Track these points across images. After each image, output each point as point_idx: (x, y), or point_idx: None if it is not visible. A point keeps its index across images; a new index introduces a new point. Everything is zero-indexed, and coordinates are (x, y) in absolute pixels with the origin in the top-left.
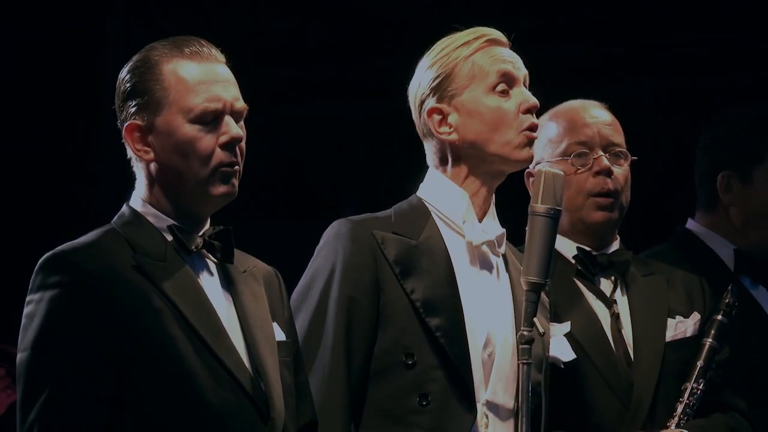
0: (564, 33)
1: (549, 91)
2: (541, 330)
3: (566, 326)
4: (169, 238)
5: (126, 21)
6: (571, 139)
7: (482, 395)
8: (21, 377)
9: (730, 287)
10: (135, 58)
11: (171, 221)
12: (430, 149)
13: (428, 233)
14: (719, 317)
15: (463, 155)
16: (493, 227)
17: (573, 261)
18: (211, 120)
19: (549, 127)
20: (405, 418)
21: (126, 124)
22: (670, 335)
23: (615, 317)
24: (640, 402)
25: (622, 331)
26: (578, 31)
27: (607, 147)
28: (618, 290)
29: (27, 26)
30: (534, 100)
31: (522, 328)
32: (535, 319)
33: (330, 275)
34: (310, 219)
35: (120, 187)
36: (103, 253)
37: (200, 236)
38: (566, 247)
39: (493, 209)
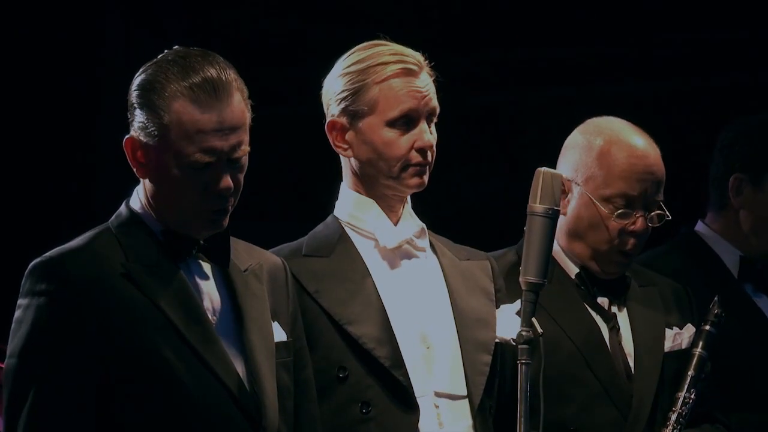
0: (564, 33)
1: (549, 92)
2: (540, 330)
3: (517, 305)
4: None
5: (126, 21)
6: (619, 190)
7: (428, 388)
8: (7, 384)
9: (716, 298)
10: (148, 71)
11: (166, 226)
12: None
13: (341, 247)
14: (708, 328)
15: (361, 173)
16: (409, 226)
17: (573, 277)
18: (202, 168)
19: (601, 154)
20: (352, 430)
21: (126, 137)
22: (668, 346)
23: (615, 330)
24: (639, 412)
25: (622, 343)
26: (578, 31)
27: (650, 206)
28: (616, 303)
29: (27, 26)
30: (428, 140)
31: (521, 328)
32: (533, 320)
33: None
34: (309, 219)
35: (119, 187)
36: (93, 260)
37: (195, 240)
38: (568, 264)
39: (408, 209)
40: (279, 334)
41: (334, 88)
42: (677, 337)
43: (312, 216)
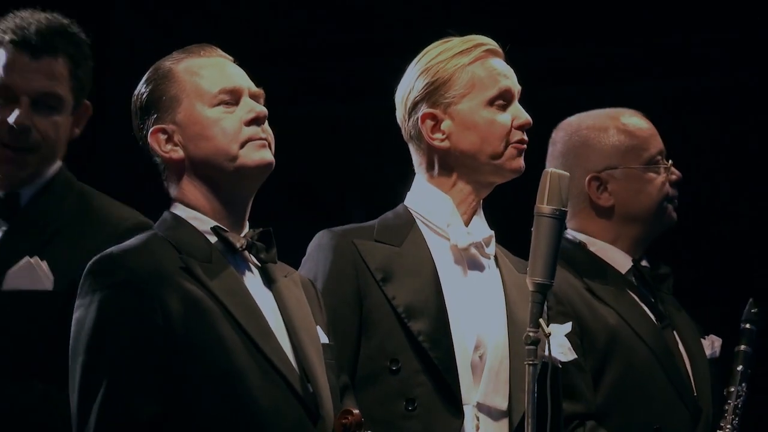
0: (564, 33)
1: (549, 92)
2: (548, 331)
3: (567, 327)
4: (213, 239)
5: (130, 21)
6: (655, 148)
7: (473, 397)
8: (77, 381)
9: (750, 300)
10: (147, 73)
11: (214, 223)
12: (417, 153)
13: (412, 239)
14: (748, 326)
15: (453, 163)
16: (480, 229)
17: (625, 273)
18: (230, 101)
19: (624, 128)
20: (393, 423)
21: (149, 132)
22: (708, 354)
23: (669, 329)
24: (706, 413)
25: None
26: (579, 31)
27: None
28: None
29: None
30: (527, 118)
31: (528, 329)
32: (540, 320)
33: None
34: (313, 220)
35: (123, 189)
36: (151, 255)
37: (243, 237)
38: (621, 260)
39: (480, 212)
40: (322, 337)
41: (418, 85)
42: (714, 345)
43: (316, 217)
